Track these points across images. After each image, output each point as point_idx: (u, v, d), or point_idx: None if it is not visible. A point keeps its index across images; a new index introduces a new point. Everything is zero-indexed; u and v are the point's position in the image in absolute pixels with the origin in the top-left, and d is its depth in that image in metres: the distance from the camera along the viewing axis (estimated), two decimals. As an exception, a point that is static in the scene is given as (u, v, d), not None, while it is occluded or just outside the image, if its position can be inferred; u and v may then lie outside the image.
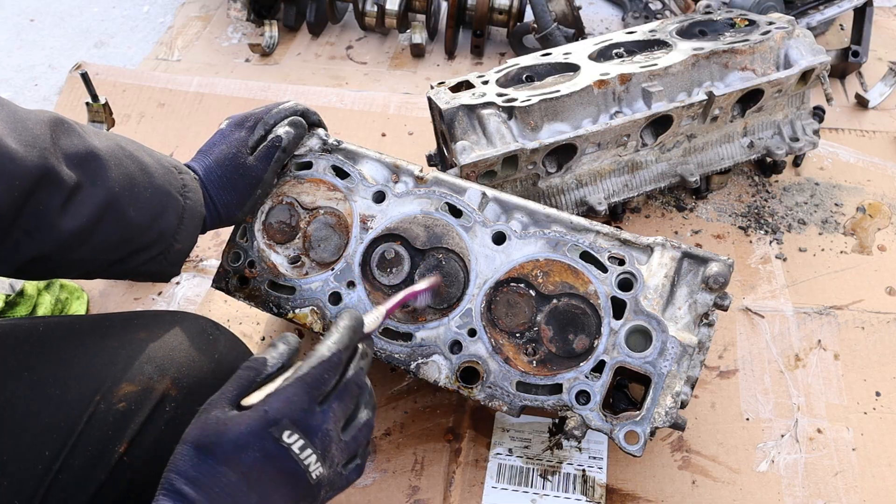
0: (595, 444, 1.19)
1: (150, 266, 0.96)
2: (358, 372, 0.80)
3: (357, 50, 2.14)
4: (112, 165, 0.88)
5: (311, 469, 0.72)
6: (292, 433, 0.72)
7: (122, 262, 0.93)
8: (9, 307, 1.30)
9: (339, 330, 0.81)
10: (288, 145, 1.08)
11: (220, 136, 1.07)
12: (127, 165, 0.91)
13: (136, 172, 0.91)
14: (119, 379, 0.87)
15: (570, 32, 1.87)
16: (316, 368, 0.76)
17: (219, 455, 0.70)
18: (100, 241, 0.88)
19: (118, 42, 2.23)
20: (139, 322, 0.96)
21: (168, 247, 0.96)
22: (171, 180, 0.96)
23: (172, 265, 0.99)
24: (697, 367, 1.06)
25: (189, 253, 1.00)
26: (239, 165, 1.04)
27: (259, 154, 1.05)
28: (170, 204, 0.94)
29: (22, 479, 0.81)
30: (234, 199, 1.05)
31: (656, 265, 1.02)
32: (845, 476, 1.16)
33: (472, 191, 1.09)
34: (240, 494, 0.69)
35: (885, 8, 2.19)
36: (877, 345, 1.33)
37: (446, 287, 1.06)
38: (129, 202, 0.89)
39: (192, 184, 0.99)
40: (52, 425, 0.83)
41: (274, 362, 0.78)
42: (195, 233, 1.00)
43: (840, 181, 1.62)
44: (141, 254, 0.94)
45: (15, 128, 0.80)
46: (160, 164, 0.96)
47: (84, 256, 0.88)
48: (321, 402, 0.76)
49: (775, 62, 1.43)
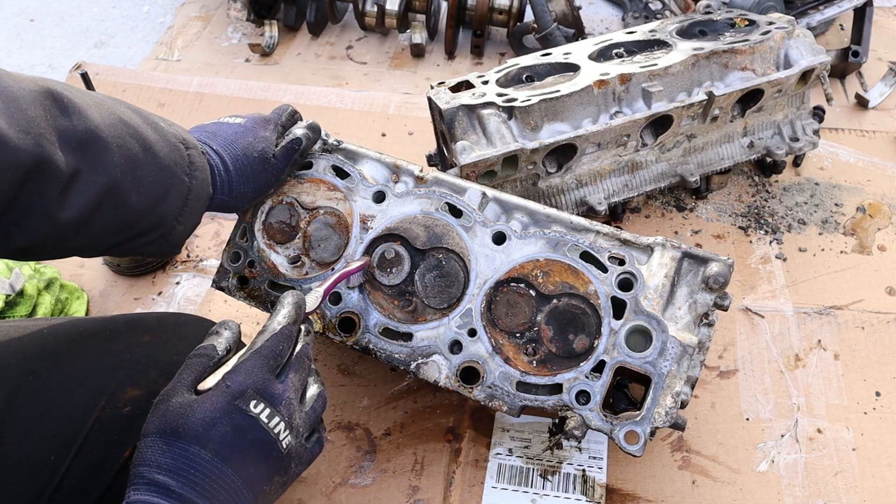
0: (595, 444, 1.19)
1: (149, 248, 0.91)
2: (305, 346, 0.83)
3: (357, 50, 2.14)
4: (114, 147, 0.80)
5: (280, 438, 0.74)
6: (258, 402, 0.73)
7: (119, 246, 0.88)
8: (9, 307, 1.30)
9: (285, 306, 0.84)
10: (305, 148, 1.07)
11: (243, 130, 1.01)
12: (130, 146, 0.82)
13: (139, 153, 0.83)
14: (124, 383, 0.87)
15: (570, 32, 1.87)
16: (270, 341, 0.78)
17: (188, 436, 0.69)
18: (98, 228, 0.82)
19: (118, 42, 2.23)
20: (143, 325, 0.96)
21: (170, 229, 0.90)
22: (177, 158, 0.89)
23: (174, 245, 0.94)
24: (697, 367, 1.06)
25: (191, 233, 0.95)
26: (266, 160, 1.01)
27: (280, 154, 1.03)
28: (174, 185, 0.87)
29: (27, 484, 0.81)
30: (251, 192, 1.01)
31: (656, 265, 1.02)
32: (845, 476, 1.16)
33: (472, 191, 1.09)
34: (216, 472, 0.69)
35: (885, 8, 2.19)
36: (877, 345, 1.33)
37: (374, 268, 1.08)
38: (131, 187, 0.82)
39: (200, 160, 0.92)
40: (57, 430, 0.83)
41: (222, 347, 0.80)
42: (199, 213, 0.94)
43: (840, 181, 1.62)
44: (140, 238, 0.88)
45: (7, 108, 0.71)
46: (165, 139, 0.89)
47: (80, 244, 0.83)
48: (279, 374, 0.78)
49: (775, 62, 1.43)
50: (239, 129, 1.01)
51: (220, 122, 1.03)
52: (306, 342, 0.84)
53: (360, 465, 1.18)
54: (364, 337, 1.07)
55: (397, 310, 1.07)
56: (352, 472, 1.17)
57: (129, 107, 0.88)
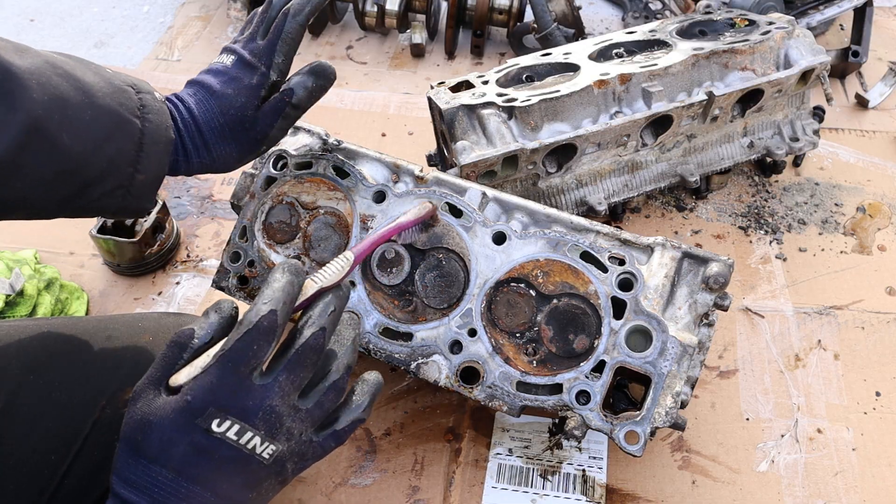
0: (595, 444, 1.19)
1: (110, 201, 0.82)
2: (317, 334, 0.67)
3: (357, 50, 2.14)
4: (34, 85, 0.73)
5: (258, 451, 0.65)
6: (223, 420, 0.63)
7: (74, 199, 0.80)
8: (9, 307, 1.30)
9: (269, 286, 0.66)
10: (301, 101, 0.93)
11: (226, 77, 0.91)
12: (56, 84, 0.76)
13: (69, 92, 0.76)
14: (124, 383, 0.87)
15: (570, 32, 1.87)
16: (241, 340, 0.63)
17: (148, 454, 0.63)
18: (31, 173, 0.74)
19: (118, 42, 2.23)
20: (144, 325, 0.95)
21: (129, 178, 0.82)
22: (123, 100, 0.81)
23: (139, 198, 0.84)
24: (697, 367, 1.06)
25: (159, 184, 0.86)
26: (245, 118, 0.90)
27: (267, 108, 0.91)
28: (121, 128, 0.79)
29: (27, 485, 0.81)
30: (234, 152, 0.92)
31: (656, 265, 1.02)
32: (845, 476, 1.16)
33: (472, 191, 1.09)
34: (182, 490, 0.63)
35: (885, 8, 2.19)
36: (877, 345, 1.33)
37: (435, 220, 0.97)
38: (59, 127, 0.75)
39: (155, 104, 0.84)
40: (58, 430, 0.83)
41: (203, 334, 0.68)
42: (162, 160, 0.84)
43: (840, 181, 1.62)
44: (94, 188, 0.80)
45: None
46: (108, 82, 0.81)
47: (22, 193, 0.76)
48: (266, 373, 0.66)
49: (775, 62, 1.43)
50: (222, 78, 0.91)
51: (210, 69, 0.94)
52: (321, 327, 0.68)
53: (360, 465, 1.18)
54: (364, 337, 1.07)
55: (397, 310, 1.07)
56: (352, 472, 1.18)
57: (71, 57, 0.82)
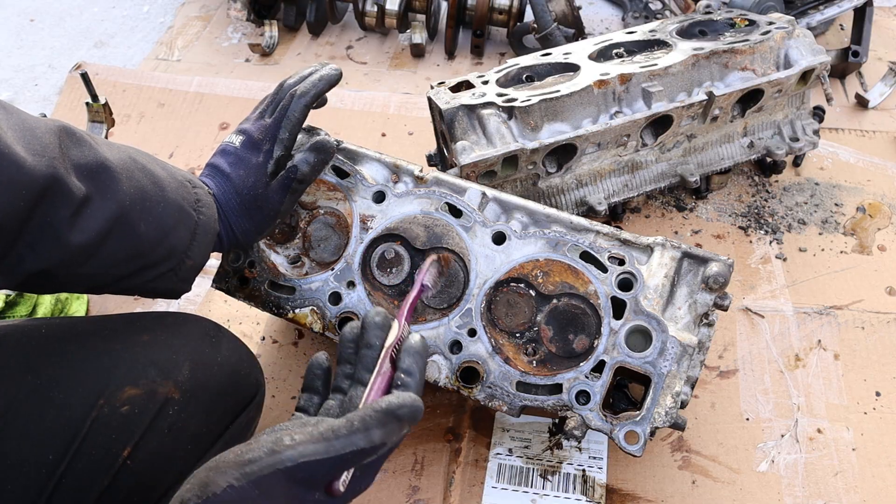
0: (595, 444, 1.19)
1: (160, 283, 0.92)
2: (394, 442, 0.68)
3: (357, 50, 2.14)
4: (123, 178, 0.84)
5: None
6: None
7: (130, 278, 0.89)
8: (9, 307, 1.30)
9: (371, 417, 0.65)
10: (305, 176, 1.01)
11: (235, 158, 1.01)
12: (139, 178, 0.87)
13: (148, 185, 0.88)
14: (122, 382, 0.87)
15: (570, 32, 1.87)
16: None
17: None
18: (108, 255, 0.84)
19: (118, 42, 2.23)
20: (142, 324, 0.96)
21: (179, 263, 0.92)
22: (185, 194, 0.92)
23: (183, 281, 0.95)
24: (697, 367, 1.06)
25: (200, 269, 0.96)
26: (258, 196, 0.99)
27: (276, 185, 1.00)
28: (182, 219, 0.91)
29: (26, 484, 0.81)
30: (253, 228, 1.01)
31: (656, 265, 1.02)
32: (845, 476, 1.16)
33: (472, 191, 1.09)
34: None
35: (885, 8, 2.19)
36: (877, 345, 1.33)
37: (446, 267, 1.03)
38: (140, 216, 0.85)
39: (206, 198, 0.96)
40: (56, 429, 0.83)
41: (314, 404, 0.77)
42: (208, 249, 0.96)
43: (840, 181, 1.62)
44: (150, 270, 0.90)
45: (23, 136, 0.76)
46: (173, 177, 0.93)
47: (91, 271, 0.85)
48: None
49: (775, 62, 1.43)
50: (232, 159, 1.01)
51: (221, 150, 1.03)
52: None
53: (359, 465, 1.18)
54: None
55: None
56: (352, 472, 1.17)
57: (138, 150, 0.93)
